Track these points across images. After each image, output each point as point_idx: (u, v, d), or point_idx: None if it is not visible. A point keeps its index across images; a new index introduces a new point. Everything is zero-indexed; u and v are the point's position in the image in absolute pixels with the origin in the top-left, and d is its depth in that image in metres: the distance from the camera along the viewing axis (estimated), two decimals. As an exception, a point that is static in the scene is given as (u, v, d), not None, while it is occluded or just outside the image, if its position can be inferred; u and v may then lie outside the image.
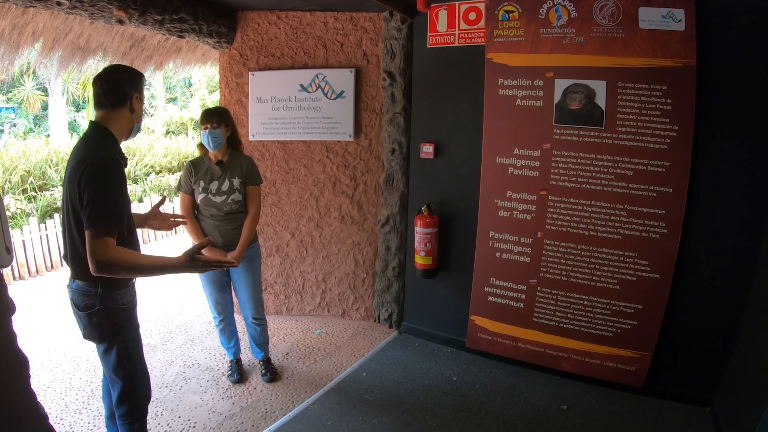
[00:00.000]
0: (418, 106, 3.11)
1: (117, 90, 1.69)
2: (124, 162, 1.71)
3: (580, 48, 2.45)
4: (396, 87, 3.12)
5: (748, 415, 1.96)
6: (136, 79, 1.74)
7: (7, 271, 4.50)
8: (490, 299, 2.89)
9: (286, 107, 3.35)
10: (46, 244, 4.94)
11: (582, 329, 2.66)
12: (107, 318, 1.70)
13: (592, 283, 2.59)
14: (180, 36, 3.10)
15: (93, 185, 1.54)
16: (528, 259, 2.73)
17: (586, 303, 2.62)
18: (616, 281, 2.54)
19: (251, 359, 3.00)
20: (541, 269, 2.70)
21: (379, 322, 3.51)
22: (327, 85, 3.28)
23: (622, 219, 2.48)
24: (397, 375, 2.85)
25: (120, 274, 1.61)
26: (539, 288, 2.73)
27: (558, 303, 2.69)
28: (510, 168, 2.70)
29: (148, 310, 3.78)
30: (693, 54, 2.23)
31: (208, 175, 2.52)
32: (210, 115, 2.45)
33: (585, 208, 2.55)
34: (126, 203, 1.69)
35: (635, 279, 2.49)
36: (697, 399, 2.50)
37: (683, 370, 2.52)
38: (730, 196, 2.31)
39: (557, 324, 2.71)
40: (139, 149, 7.94)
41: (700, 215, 2.36)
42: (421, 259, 3.03)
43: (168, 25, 2.86)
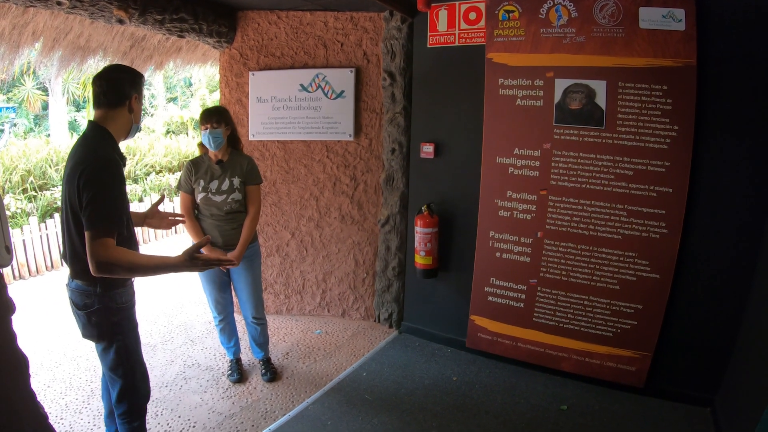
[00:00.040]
0: (418, 105, 3.11)
1: (116, 90, 1.69)
2: (122, 162, 1.71)
3: (580, 48, 2.45)
4: (396, 87, 3.12)
5: (748, 416, 1.96)
6: (135, 79, 1.74)
7: (8, 271, 4.51)
8: (490, 299, 2.89)
9: (286, 107, 3.35)
10: (46, 243, 4.94)
11: (582, 329, 2.66)
12: (106, 317, 1.71)
13: (592, 283, 2.59)
14: (180, 36, 3.10)
15: (92, 186, 1.55)
16: (528, 259, 2.73)
17: (586, 303, 2.62)
18: (616, 281, 2.54)
19: (251, 359, 3.00)
20: (541, 269, 2.70)
21: (379, 321, 3.51)
22: (327, 85, 3.28)
23: (622, 219, 2.48)
24: (397, 375, 2.85)
25: (120, 274, 1.61)
26: (539, 288, 2.73)
27: (558, 303, 2.69)
28: (510, 168, 2.70)
29: (148, 309, 3.78)
30: (693, 54, 2.23)
31: (208, 175, 2.52)
32: (210, 115, 2.45)
33: (585, 208, 2.55)
34: (125, 204, 1.69)
35: (635, 279, 2.49)
36: (698, 399, 2.50)
37: (683, 370, 2.52)
38: (730, 196, 2.31)
39: (557, 324, 2.71)
40: (140, 149, 7.93)
41: (700, 215, 2.36)
42: (421, 259, 3.03)
43: (168, 25, 2.86)
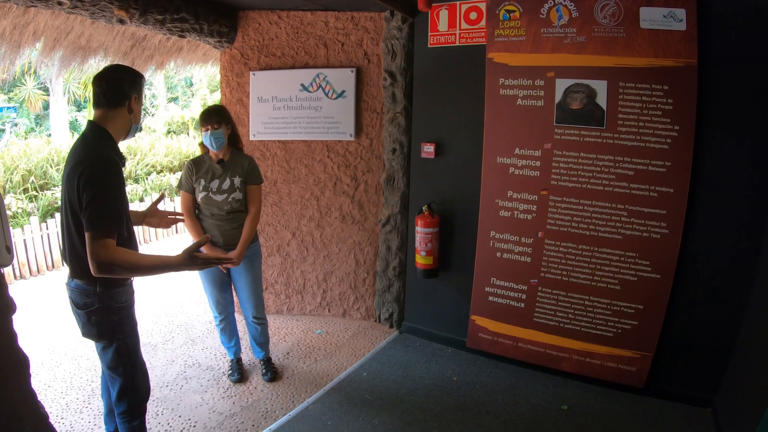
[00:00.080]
0: (419, 105, 3.11)
1: (116, 90, 1.69)
2: (122, 162, 1.71)
3: (581, 48, 2.45)
4: (397, 87, 3.12)
5: (749, 416, 1.95)
6: (135, 80, 1.74)
7: (9, 271, 4.51)
8: (490, 299, 2.89)
9: (287, 107, 3.36)
10: (47, 243, 4.95)
11: (583, 329, 2.66)
12: (106, 316, 1.72)
13: (592, 283, 2.59)
14: (181, 36, 3.10)
15: (92, 187, 1.55)
16: (529, 259, 2.73)
17: (586, 303, 2.62)
18: (616, 281, 2.54)
19: (252, 359, 3.01)
20: (542, 269, 2.70)
21: (380, 321, 3.51)
22: (328, 85, 3.28)
23: (623, 219, 2.47)
24: (398, 375, 2.85)
25: (121, 274, 1.62)
26: (540, 288, 2.73)
27: (559, 303, 2.69)
28: (511, 168, 2.70)
29: (149, 309, 3.78)
30: (694, 54, 2.23)
31: (209, 174, 2.52)
32: (210, 116, 2.45)
33: (586, 208, 2.54)
34: (125, 204, 1.70)
35: (636, 279, 2.49)
36: (698, 399, 2.50)
37: (684, 370, 2.52)
38: (730, 196, 2.31)
39: (558, 324, 2.71)
40: (141, 149, 7.93)
41: (700, 215, 2.36)
42: (422, 259, 3.03)
43: (169, 25, 2.86)
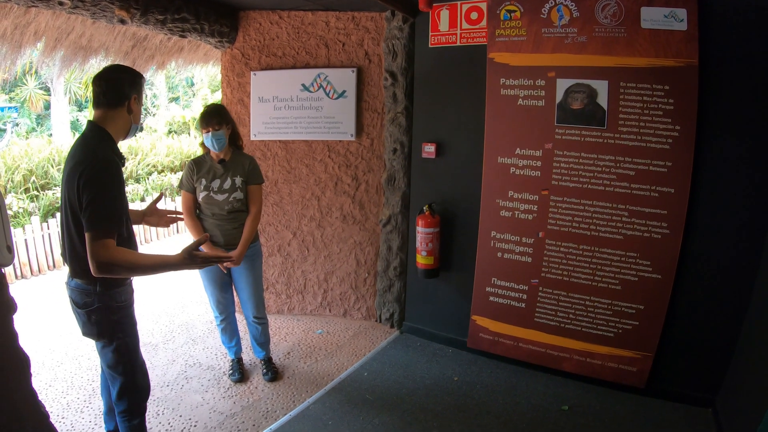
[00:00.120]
0: (419, 105, 3.11)
1: (116, 90, 1.69)
2: (122, 162, 1.71)
3: (582, 48, 2.44)
4: (398, 86, 3.12)
5: (749, 416, 1.95)
6: (135, 80, 1.74)
7: (10, 270, 4.52)
8: (491, 299, 2.89)
9: (287, 107, 3.36)
10: (48, 243, 4.95)
11: (583, 329, 2.65)
12: (106, 315, 1.72)
13: (593, 284, 2.59)
14: (182, 36, 3.10)
15: (92, 187, 1.55)
16: (529, 259, 2.73)
17: (587, 303, 2.62)
18: (617, 281, 2.53)
19: (252, 358, 3.01)
20: (543, 269, 2.70)
21: (381, 321, 3.51)
22: (329, 85, 3.29)
23: (623, 219, 2.47)
24: (398, 375, 2.85)
25: (121, 274, 1.62)
26: (541, 288, 2.73)
27: (559, 303, 2.69)
28: (512, 168, 2.70)
29: (149, 309, 3.78)
30: (695, 54, 2.22)
31: (210, 174, 2.52)
32: (209, 118, 2.44)
33: (587, 208, 2.54)
34: (124, 204, 1.70)
35: (637, 279, 2.49)
36: (699, 399, 2.50)
37: (685, 370, 2.52)
38: (731, 196, 2.30)
39: (559, 324, 2.71)
40: (142, 149, 7.95)
41: (701, 215, 2.36)
42: (423, 259, 3.03)
43: (170, 25, 2.87)
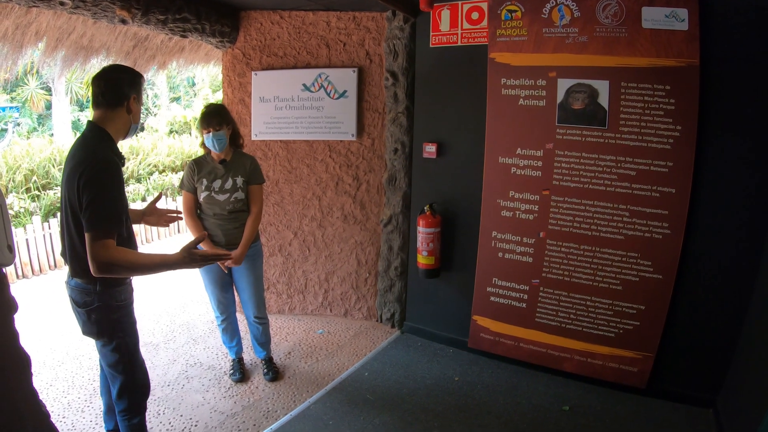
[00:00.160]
0: (420, 105, 3.11)
1: (115, 90, 1.69)
2: (121, 162, 1.72)
3: (583, 48, 2.44)
4: (399, 86, 3.12)
5: (750, 416, 1.95)
6: (135, 80, 1.74)
7: (11, 270, 4.53)
8: (492, 299, 2.89)
9: (288, 107, 3.36)
10: (49, 242, 4.96)
11: (584, 330, 2.65)
12: (106, 315, 1.72)
13: (594, 284, 2.59)
14: (183, 36, 3.11)
15: (92, 188, 1.56)
16: (530, 260, 2.73)
17: (588, 303, 2.62)
18: (618, 282, 2.53)
19: (253, 358, 3.01)
20: (544, 269, 2.70)
21: (382, 321, 3.51)
22: (330, 85, 3.29)
23: (624, 219, 2.47)
24: (399, 375, 2.85)
25: (121, 273, 1.63)
26: (542, 288, 2.72)
27: (560, 303, 2.69)
28: (512, 168, 2.70)
29: (150, 309, 3.78)
30: (696, 54, 2.22)
31: (211, 174, 2.52)
32: (210, 118, 2.44)
33: (588, 208, 2.54)
34: (124, 204, 1.70)
35: (638, 279, 2.49)
36: (700, 400, 2.49)
37: (686, 370, 2.51)
38: (732, 196, 2.30)
39: (559, 324, 2.71)
40: (143, 148, 7.95)
41: (702, 215, 2.35)
42: (424, 259, 3.03)
43: (171, 25, 2.87)
